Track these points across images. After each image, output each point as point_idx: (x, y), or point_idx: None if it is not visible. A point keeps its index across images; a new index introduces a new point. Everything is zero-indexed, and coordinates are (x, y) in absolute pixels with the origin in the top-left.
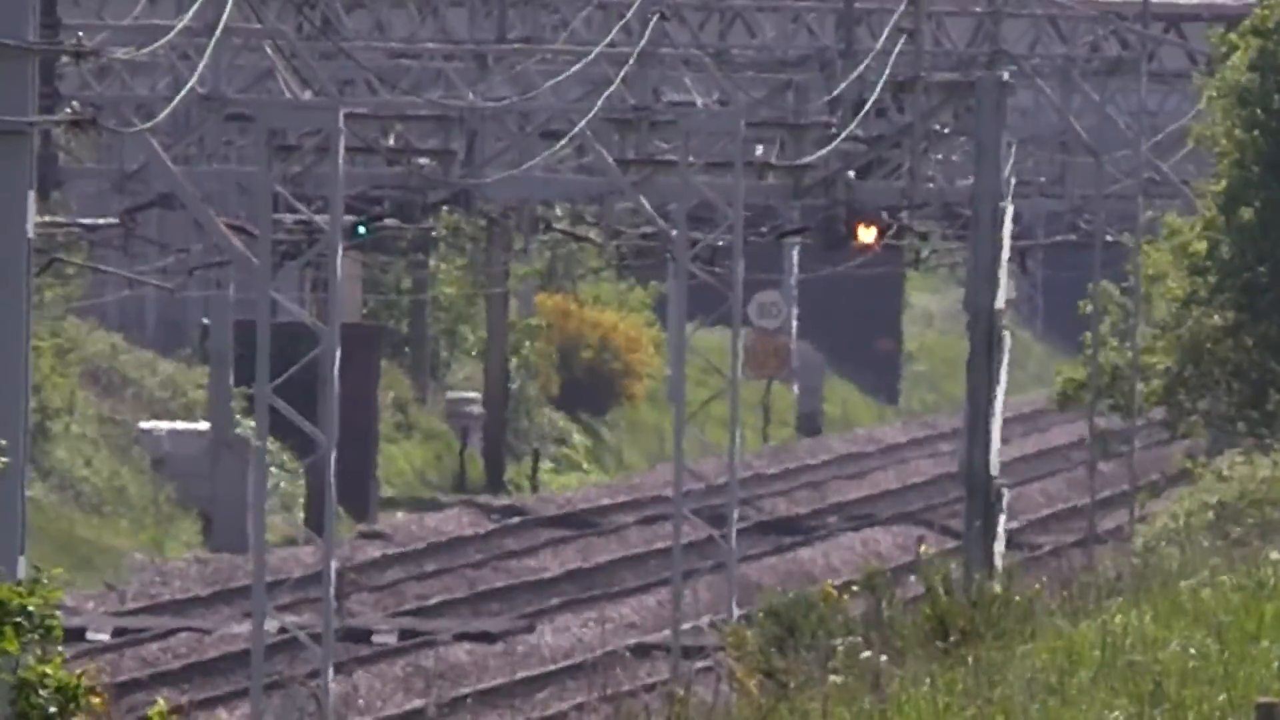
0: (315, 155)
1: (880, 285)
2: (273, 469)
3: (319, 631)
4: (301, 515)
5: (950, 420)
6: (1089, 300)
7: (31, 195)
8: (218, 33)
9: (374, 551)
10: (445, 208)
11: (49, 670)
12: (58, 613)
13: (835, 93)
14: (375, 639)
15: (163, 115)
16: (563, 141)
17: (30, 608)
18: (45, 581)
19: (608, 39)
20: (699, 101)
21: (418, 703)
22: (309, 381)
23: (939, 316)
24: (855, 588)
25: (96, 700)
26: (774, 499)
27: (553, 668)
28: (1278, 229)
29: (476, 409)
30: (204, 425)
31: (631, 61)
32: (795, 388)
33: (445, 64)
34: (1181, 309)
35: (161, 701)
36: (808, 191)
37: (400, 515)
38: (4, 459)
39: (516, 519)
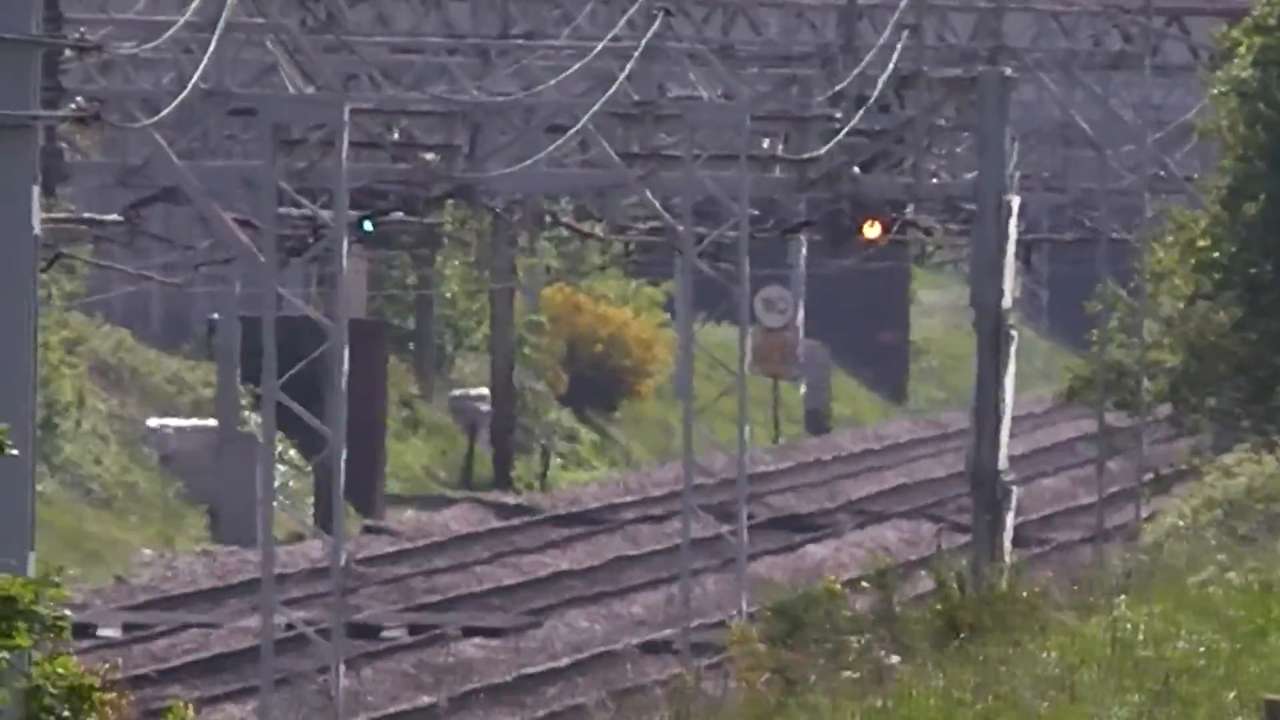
0: (319, 150)
1: (886, 280)
2: (279, 465)
3: (327, 627)
4: (310, 511)
5: (958, 416)
6: (1096, 300)
7: (36, 190)
8: (221, 27)
9: (381, 547)
10: (450, 203)
11: (60, 670)
12: (66, 612)
13: (838, 88)
14: (384, 634)
15: (167, 110)
16: (567, 135)
17: (38, 609)
18: (56, 579)
19: (612, 34)
20: (703, 96)
21: (426, 699)
22: (315, 377)
23: (945, 311)
24: (865, 584)
25: (121, 701)
26: (783, 495)
27: (561, 664)
28: None
29: (484, 405)
30: (211, 421)
31: (636, 56)
32: (802, 384)
33: (449, 59)
34: (1187, 305)
35: (182, 703)
36: (813, 186)
37: (409, 512)
38: (13, 450)
39: (529, 518)
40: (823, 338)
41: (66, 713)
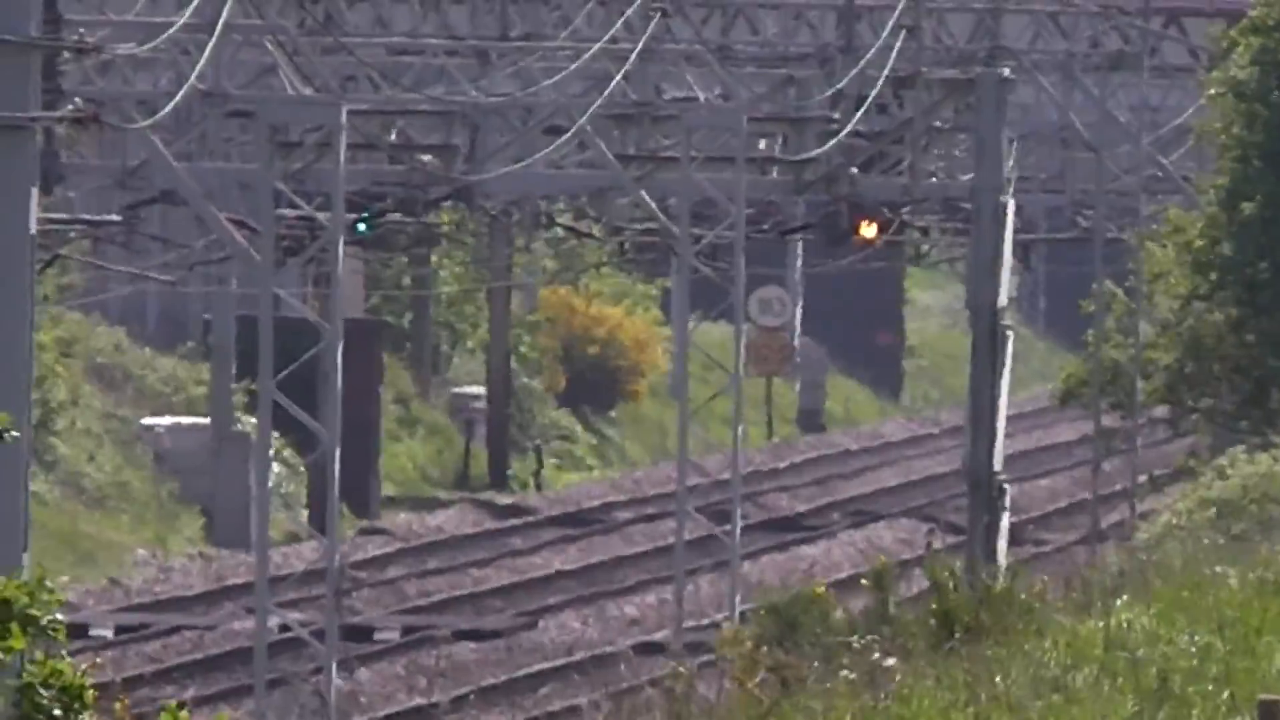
0: (317, 151)
1: (881, 280)
2: (275, 465)
3: (321, 629)
4: (305, 512)
5: (953, 416)
6: (1091, 299)
7: (34, 191)
8: (219, 28)
9: (376, 549)
10: (447, 204)
11: (61, 668)
12: (59, 616)
13: (836, 88)
14: (377, 636)
15: (164, 111)
16: (565, 137)
17: (34, 612)
18: (49, 585)
19: (609, 35)
20: (701, 97)
21: (420, 700)
22: (311, 377)
23: (940, 312)
24: (864, 581)
25: (118, 704)
26: (777, 495)
27: (555, 664)
28: (1279, 225)
29: (480, 405)
30: (206, 421)
31: (633, 57)
32: (797, 384)
33: (447, 60)
34: (1183, 306)
35: (174, 704)
36: (810, 187)
37: (403, 515)
38: (14, 433)
39: (524, 519)
40: (818, 338)
41: (58, 712)
